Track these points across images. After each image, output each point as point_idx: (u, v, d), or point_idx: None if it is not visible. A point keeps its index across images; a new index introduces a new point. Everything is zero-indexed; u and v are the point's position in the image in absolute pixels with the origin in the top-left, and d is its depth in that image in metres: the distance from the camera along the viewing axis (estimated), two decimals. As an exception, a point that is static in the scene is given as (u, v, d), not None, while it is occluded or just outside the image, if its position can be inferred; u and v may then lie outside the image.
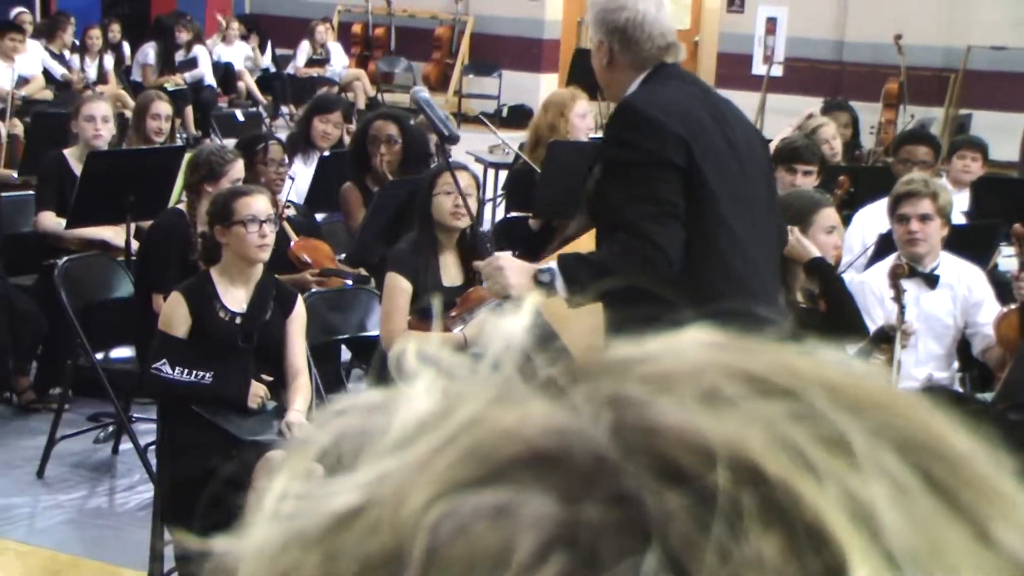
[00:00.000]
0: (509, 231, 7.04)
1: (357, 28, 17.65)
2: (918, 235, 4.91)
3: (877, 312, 4.86)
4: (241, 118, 12.24)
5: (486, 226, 8.14)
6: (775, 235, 3.81)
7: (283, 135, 8.27)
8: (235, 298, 4.71)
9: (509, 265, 3.57)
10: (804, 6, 15.26)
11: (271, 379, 4.71)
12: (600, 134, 8.93)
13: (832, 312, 4.48)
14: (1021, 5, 14.47)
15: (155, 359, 4.59)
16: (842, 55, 15.57)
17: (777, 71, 15.30)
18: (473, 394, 0.46)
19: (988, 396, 5.07)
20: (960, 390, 5.28)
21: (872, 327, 4.88)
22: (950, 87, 15.05)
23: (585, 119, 6.94)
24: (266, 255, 4.73)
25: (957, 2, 14.89)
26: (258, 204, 4.66)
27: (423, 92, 4.34)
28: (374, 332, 5.40)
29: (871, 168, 8.21)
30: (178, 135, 12.12)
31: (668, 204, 3.41)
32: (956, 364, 5.21)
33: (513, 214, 7.14)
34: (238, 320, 4.68)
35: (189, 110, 13.18)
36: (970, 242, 5.67)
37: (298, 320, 4.84)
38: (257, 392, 4.62)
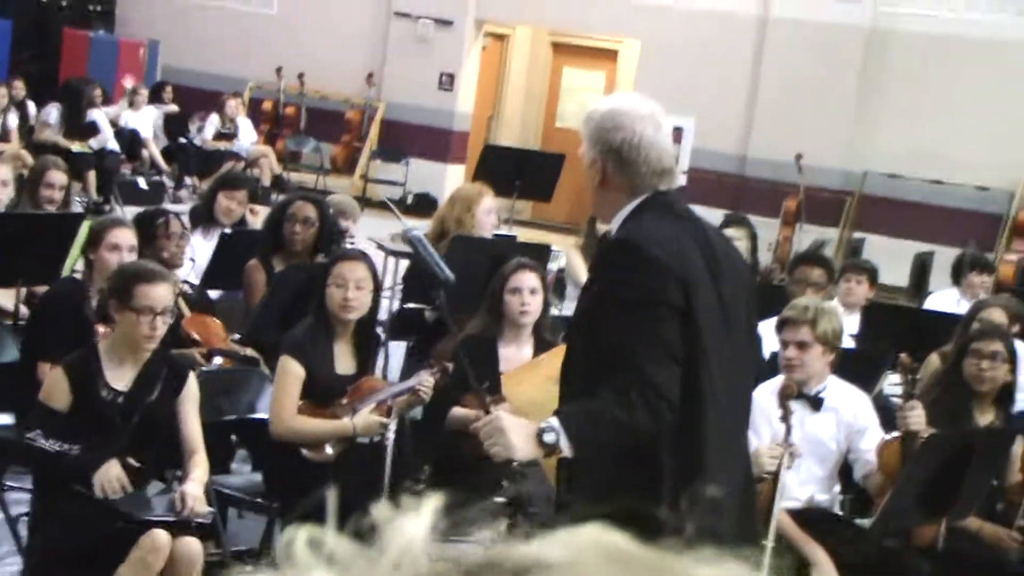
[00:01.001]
0: (405, 322, 7.04)
1: (268, 105, 17.63)
2: (794, 361, 4.96)
3: (764, 430, 4.91)
4: (144, 186, 12.13)
5: (384, 315, 8.12)
6: (749, 388, 3.72)
7: (186, 206, 8.21)
8: (120, 375, 4.61)
9: (510, 425, 3.35)
10: (710, 118, 15.56)
11: (139, 466, 4.53)
12: (506, 231, 9.00)
13: None
14: (916, 139, 14.88)
15: (31, 427, 4.50)
16: (744, 169, 15.88)
17: (681, 180, 15.53)
18: None
19: (865, 521, 5.13)
20: (839, 513, 5.33)
21: (756, 444, 4.93)
22: (846, 209, 15.39)
23: (491, 215, 7.00)
24: (153, 345, 4.63)
25: (858, 128, 15.28)
26: (157, 294, 4.56)
27: (417, 232, 4.18)
28: (263, 414, 5.34)
29: (767, 287, 8.34)
30: (78, 200, 11.98)
31: (670, 346, 3.27)
32: (837, 487, 5.27)
33: (410, 305, 7.13)
34: (120, 400, 4.58)
35: (91, 175, 13.04)
36: (857, 367, 5.77)
37: (191, 397, 4.76)
38: (108, 477, 4.40)
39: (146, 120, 15.32)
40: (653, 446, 3.28)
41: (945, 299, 8.19)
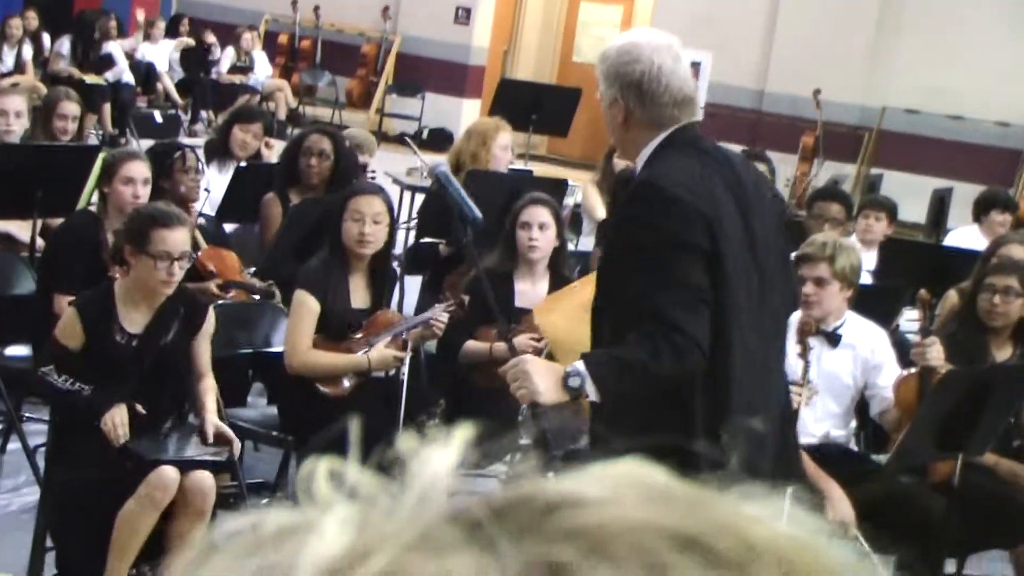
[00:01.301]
0: (420, 256, 7.03)
1: (283, 39, 17.53)
2: (812, 298, 4.92)
3: None
4: (159, 119, 12.09)
5: (399, 249, 8.11)
6: (782, 323, 3.67)
7: (202, 140, 8.18)
8: (134, 319, 4.56)
9: (536, 369, 3.33)
10: (728, 53, 15.41)
11: (144, 413, 4.49)
12: (521, 165, 8.96)
13: None
14: (935, 74, 14.75)
15: (44, 362, 4.49)
16: (762, 105, 15.77)
17: (699, 116, 15.41)
18: (391, 536, 0.43)
19: (882, 457, 5.13)
20: (855, 449, 5.33)
21: None
22: (864, 145, 15.30)
23: (507, 151, 6.97)
24: (170, 291, 4.56)
25: (877, 63, 15.16)
26: (175, 239, 4.47)
27: (443, 167, 4.11)
28: (278, 348, 5.34)
29: (785, 223, 8.29)
30: (94, 132, 11.96)
31: (697, 289, 3.22)
32: (853, 423, 5.26)
33: (425, 239, 7.11)
34: (134, 343, 4.54)
35: (107, 107, 13.01)
36: (875, 303, 5.74)
37: (206, 333, 4.76)
38: (114, 424, 4.35)
39: (162, 53, 15.26)
40: (685, 389, 3.26)
41: (966, 236, 8.14)
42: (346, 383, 5.13)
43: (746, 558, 0.43)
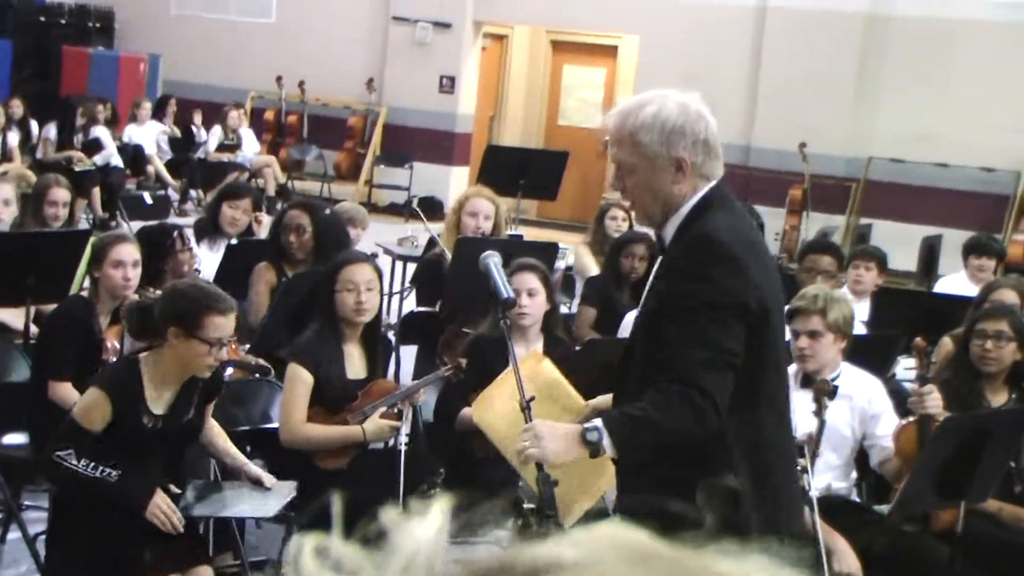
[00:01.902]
0: (415, 325, 7.04)
1: (270, 115, 17.65)
2: (807, 351, 4.94)
3: None
4: (149, 201, 12.14)
5: (393, 318, 8.12)
6: (787, 380, 3.67)
7: (192, 219, 8.21)
8: (160, 400, 4.43)
9: (549, 432, 3.34)
10: (713, 110, 15.49)
11: (179, 492, 4.45)
12: (513, 231, 8.98)
13: None
14: (919, 123, 14.86)
15: (61, 446, 4.31)
16: (748, 160, 15.86)
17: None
18: None
19: (884, 507, 5.12)
20: (857, 500, 5.32)
21: None
22: (852, 196, 15.37)
23: (476, 218, 6.96)
24: (209, 374, 4.47)
25: (860, 114, 15.26)
26: (228, 326, 4.36)
27: (493, 258, 4.15)
28: (275, 424, 5.33)
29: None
30: (84, 217, 12.00)
31: (729, 353, 3.21)
32: (854, 474, 5.25)
33: (420, 309, 7.13)
34: (159, 424, 4.42)
35: (96, 192, 13.06)
36: (870, 353, 5.75)
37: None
38: (160, 507, 4.30)
39: (149, 135, 15.34)
40: (723, 451, 3.27)
41: (955, 283, 8.17)
42: (344, 456, 5.12)
43: None
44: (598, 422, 3.28)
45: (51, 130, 13.68)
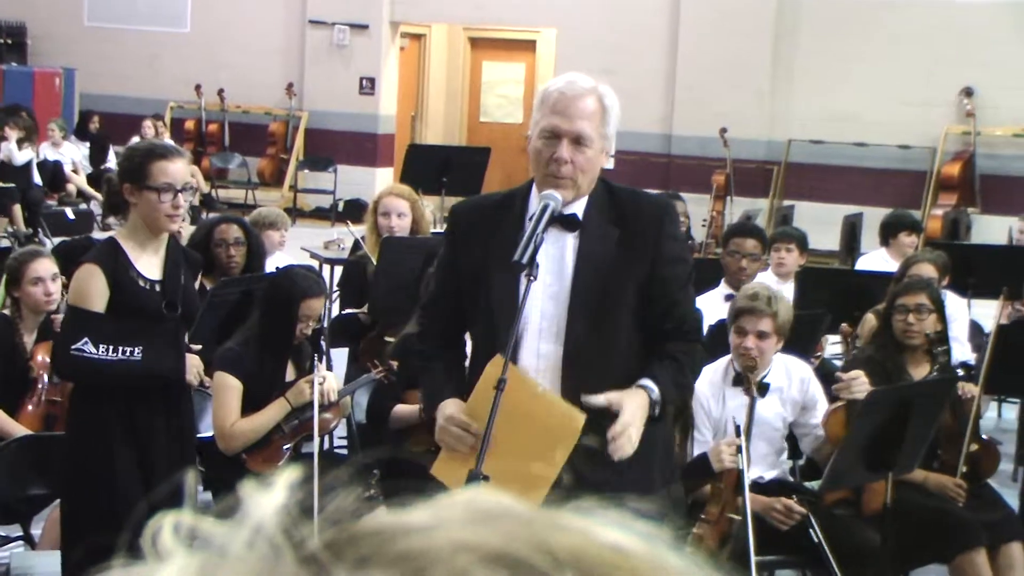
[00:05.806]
0: (342, 328, 7.02)
1: (190, 124, 17.53)
2: (753, 352, 4.88)
3: (700, 417, 4.96)
4: (71, 216, 12.01)
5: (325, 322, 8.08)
6: None
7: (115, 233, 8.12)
8: (149, 264, 4.35)
9: (639, 424, 3.35)
10: (632, 101, 15.59)
11: (199, 347, 4.45)
12: (441, 229, 8.95)
13: None
14: (836, 103, 15.03)
15: (73, 339, 4.17)
16: (670, 148, 15.96)
17: (609, 164, 15.55)
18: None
19: (815, 484, 5.18)
20: (791, 479, 5.37)
21: (701, 432, 4.95)
22: (773, 179, 15.52)
23: (388, 217, 6.92)
24: (176, 226, 4.44)
25: (777, 98, 15.41)
26: (176, 169, 4.28)
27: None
28: (208, 433, 5.32)
29: (701, 260, 8.39)
30: (7, 232, 11.86)
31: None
32: (784, 456, 5.30)
33: (347, 311, 7.11)
34: (157, 288, 4.33)
35: (17, 208, 12.91)
36: (795, 333, 5.80)
37: None
38: (194, 364, 4.32)
39: (65, 155, 15.15)
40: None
41: (876, 260, 8.27)
42: (277, 459, 5.12)
43: (552, 568, 0.45)
44: (656, 395, 3.42)
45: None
